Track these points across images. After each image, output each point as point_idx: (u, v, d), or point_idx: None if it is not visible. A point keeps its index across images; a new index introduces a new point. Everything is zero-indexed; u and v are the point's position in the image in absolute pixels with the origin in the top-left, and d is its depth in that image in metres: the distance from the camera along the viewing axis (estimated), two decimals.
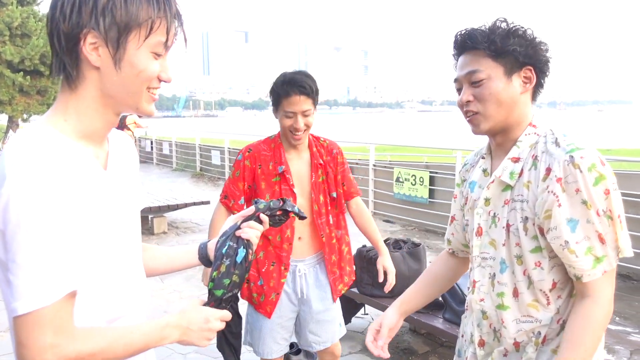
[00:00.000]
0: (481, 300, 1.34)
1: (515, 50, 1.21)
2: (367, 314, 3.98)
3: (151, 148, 15.83)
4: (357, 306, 3.80)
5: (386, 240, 3.65)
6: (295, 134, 2.21)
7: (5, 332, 3.73)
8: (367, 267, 3.38)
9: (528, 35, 1.24)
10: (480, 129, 1.28)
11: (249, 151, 2.31)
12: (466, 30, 1.27)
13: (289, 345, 2.44)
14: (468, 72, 1.26)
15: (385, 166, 8.16)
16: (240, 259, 1.13)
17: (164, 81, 1.01)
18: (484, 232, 1.33)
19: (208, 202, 7.19)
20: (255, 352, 2.40)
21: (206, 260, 1.25)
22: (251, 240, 1.17)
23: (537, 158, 1.22)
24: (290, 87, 2.14)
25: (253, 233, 1.18)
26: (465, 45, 1.27)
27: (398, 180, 7.43)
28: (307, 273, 2.35)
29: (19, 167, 0.85)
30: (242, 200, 2.30)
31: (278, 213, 1.25)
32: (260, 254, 2.29)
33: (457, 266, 1.61)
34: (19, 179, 0.85)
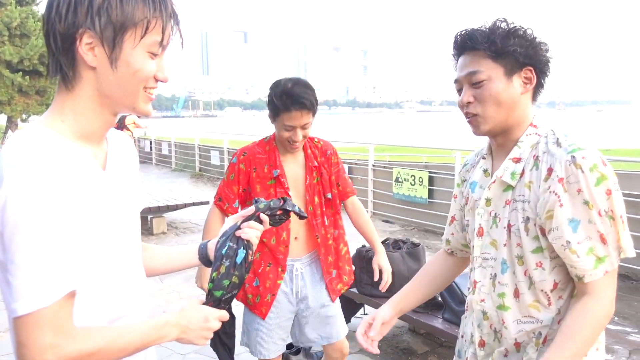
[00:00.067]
0: (482, 300, 1.34)
1: (515, 50, 1.21)
2: (367, 314, 3.98)
3: (150, 148, 15.82)
4: (357, 306, 3.80)
5: (385, 240, 3.66)
6: (292, 144, 2.22)
7: (4, 333, 3.73)
8: (367, 267, 3.38)
9: (528, 35, 1.24)
10: (481, 131, 1.28)
11: (243, 154, 2.29)
12: (466, 31, 1.26)
13: (286, 345, 2.44)
14: (468, 73, 1.25)
15: (384, 166, 8.15)
16: (240, 260, 1.13)
17: (161, 81, 1.01)
18: (485, 233, 1.33)
19: (207, 203, 7.19)
20: (253, 353, 2.39)
21: (206, 260, 1.24)
22: (251, 240, 1.17)
23: (539, 158, 1.22)
24: (291, 103, 2.10)
25: (253, 233, 1.17)
26: (465, 46, 1.26)
27: (397, 180, 7.43)
28: (304, 272, 2.35)
29: (16, 169, 0.85)
30: (237, 203, 2.30)
31: (278, 213, 1.25)
32: (257, 255, 2.29)
33: (455, 266, 1.61)
34: (16, 180, 0.85)
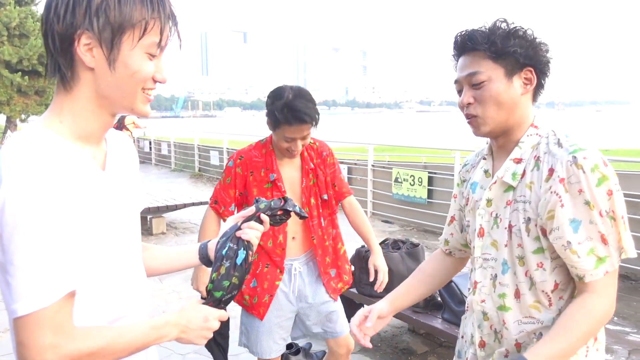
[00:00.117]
0: (482, 301, 1.33)
1: (515, 51, 1.21)
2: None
3: (150, 148, 15.82)
4: (356, 306, 3.80)
5: (385, 240, 3.66)
6: (291, 153, 2.22)
7: (3, 333, 3.72)
8: (366, 268, 3.36)
9: (528, 35, 1.23)
10: (481, 132, 1.28)
11: (240, 158, 2.29)
12: (466, 31, 1.26)
13: (286, 345, 2.44)
14: (468, 74, 1.25)
15: (383, 166, 8.16)
16: (240, 260, 1.13)
17: (159, 82, 1.01)
18: (485, 233, 1.32)
19: (207, 203, 7.16)
20: (253, 353, 2.39)
21: (207, 260, 1.24)
22: (251, 241, 1.17)
23: (540, 159, 1.22)
24: (293, 117, 2.08)
25: (253, 234, 1.18)
26: (465, 47, 1.26)
27: (397, 180, 7.44)
28: (302, 271, 2.36)
29: (14, 170, 0.86)
30: (233, 207, 2.30)
31: (279, 213, 1.25)
32: (255, 256, 2.30)
33: (452, 266, 1.60)
34: (14, 181, 0.85)
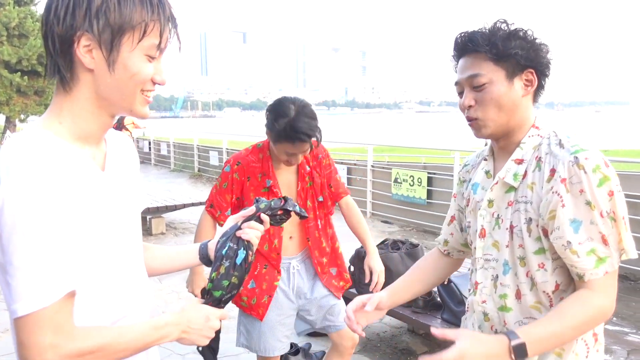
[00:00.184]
0: (483, 302, 1.33)
1: (517, 53, 1.20)
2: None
3: (149, 149, 15.83)
4: None
5: (384, 240, 3.66)
6: (290, 164, 2.23)
7: (3, 333, 3.73)
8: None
9: (529, 37, 1.23)
10: (482, 134, 1.28)
11: (237, 164, 2.28)
12: (467, 33, 1.25)
13: (289, 343, 2.44)
14: (469, 76, 1.25)
15: (383, 167, 8.16)
16: (240, 260, 1.13)
17: (158, 84, 1.01)
18: (487, 234, 1.32)
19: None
20: (255, 351, 2.39)
21: (207, 260, 1.25)
22: (251, 241, 1.17)
23: (541, 159, 1.22)
24: (296, 137, 2.08)
25: (253, 234, 1.18)
26: (466, 48, 1.25)
27: (396, 181, 7.44)
28: (300, 269, 2.39)
29: (13, 170, 0.86)
30: (229, 212, 2.30)
31: (279, 212, 1.25)
32: (252, 257, 2.31)
33: (448, 267, 1.60)
34: (13, 182, 0.85)
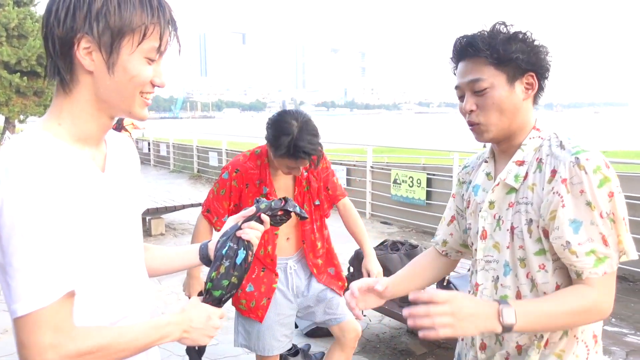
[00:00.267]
0: None
1: (518, 57, 1.20)
2: (365, 315, 3.99)
3: (148, 149, 15.83)
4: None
5: (384, 241, 3.66)
6: (290, 174, 2.25)
7: (2, 334, 3.72)
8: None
9: (529, 40, 1.23)
10: (484, 138, 1.28)
11: (236, 171, 2.29)
12: (466, 37, 1.25)
13: (290, 343, 2.45)
14: (470, 81, 1.24)
15: (382, 168, 8.17)
16: (240, 260, 1.13)
17: (158, 86, 1.02)
18: (488, 236, 1.32)
19: None
20: (254, 351, 2.40)
21: (207, 260, 1.25)
22: (252, 241, 1.17)
23: (542, 161, 1.22)
24: (299, 154, 2.10)
25: (254, 234, 1.18)
26: (466, 53, 1.25)
27: (395, 182, 7.45)
28: (297, 268, 2.42)
29: (12, 171, 0.86)
30: (226, 218, 2.31)
31: (279, 213, 1.26)
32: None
33: (446, 267, 1.61)
34: (12, 183, 0.85)
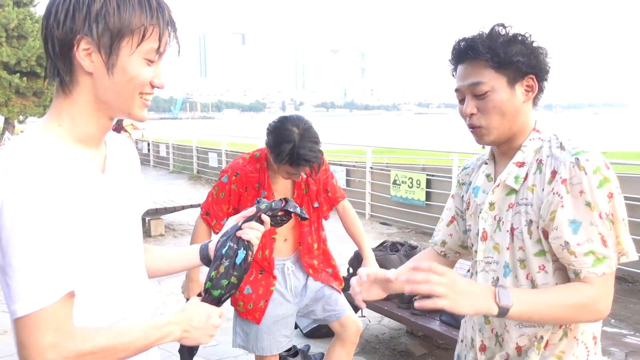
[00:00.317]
0: None
1: (518, 61, 1.20)
2: (364, 316, 3.98)
3: (148, 150, 15.83)
4: (354, 308, 3.80)
5: (383, 242, 3.66)
6: (290, 179, 2.27)
7: (2, 335, 3.72)
8: None
9: (528, 42, 1.23)
10: (485, 141, 1.28)
11: (235, 175, 2.29)
12: (466, 40, 1.24)
13: (290, 342, 2.45)
14: (471, 84, 1.24)
15: (382, 169, 8.18)
16: (239, 260, 1.14)
17: (157, 87, 1.02)
18: (488, 237, 1.32)
19: None
20: (253, 351, 2.40)
21: (207, 260, 1.25)
22: (252, 241, 1.18)
23: (542, 162, 1.22)
24: (300, 162, 2.11)
25: (254, 234, 1.18)
26: (466, 56, 1.25)
27: (395, 182, 7.45)
28: (294, 269, 2.44)
29: (12, 172, 0.87)
30: (225, 221, 2.31)
31: (280, 213, 1.26)
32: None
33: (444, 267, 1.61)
34: (12, 184, 0.86)
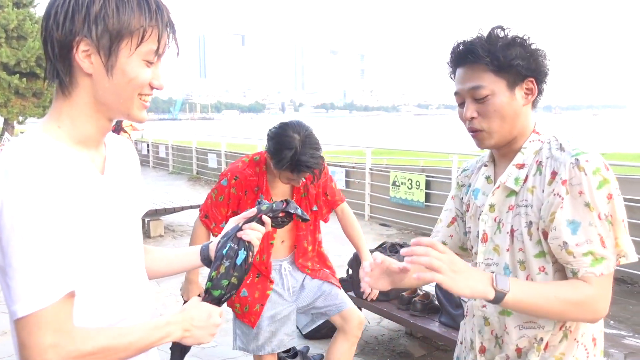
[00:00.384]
0: (483, 306, 1.33)
1: (518, 64, 1.20)
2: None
3: (147, 151, 15.82)
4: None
5: (382, 244, 3.67)
6: (290, 184, 2.29)
7: (1, 336, 3.72)
8: None
9: (527, 45, 1.23)
10: (486, 145, 1.28)
11: (235, 179, 2.30)
12: (465, 43, 1.24)
13: (293, 340, 2.45)
14: (471, 88, 1.24)
15: (381, 170, 8.18)
16: (240, 261, 1.14)
17: (156, 88, 1.02)
18: (488, 239, 1.32)
19: None
20: (254, 352, 2.40)
21: (208, 261, 1.25)
22: (252, 242, 1.18)
23: (542, 163, 1.23)
24: (301, 169, 2.12)
25: (254, 235, 1.19)
26: (466, 59, 1.25)
27: (394, 184, 7.45)
28: (291, 269, 2.45)
29: (12, 173, 0.87)
30: (224, 224, 2.32)
31: (281, 215, 1.26)
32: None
33: None
34: (11, 185, 0.86)
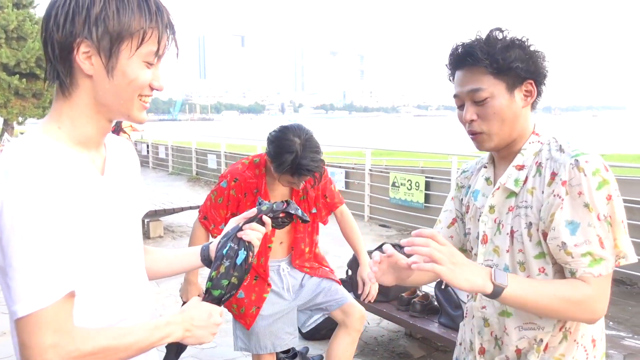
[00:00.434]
0: (483, 307, 1.33)
1: (517, 67, 1.21)
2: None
3: (147, 152, 15.83)
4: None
5: (382, 244, 3.67)
6: (290, 187, 2.29)
7: (1, 337, 3.71)
8: None
9: (526, 46, 1.23)
10: (486, 148, 1.29)
11: (234, 181, 2.30)
12: (464, 46, 1.24)
13: (295, 339, 2.45)
14: (470, 91, 1.24)
15: (381, 171, 8.19)
16: (240, 261, 1.14)
17: (156, 89, 1.03)
18: (488, 240, 1.33)
19: None
20: (256, 351, 2.41)
21: (208, 261, 1.25)
22: (252, 242, 1.18)
23: (542, 165, 1.23)
24: (301, 173, 2.13)
25: (255, 235, 1.19)
26: (465, 62, 1.25)
27: (394, 185, 7.45)
28: (290, 270, 2.46)
29: (12, 174, 0.87)
30: (223, 226, 2.32)
31: (281, 215, 1.26)
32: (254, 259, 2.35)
33: None
34: (11, 185, 0.87)
